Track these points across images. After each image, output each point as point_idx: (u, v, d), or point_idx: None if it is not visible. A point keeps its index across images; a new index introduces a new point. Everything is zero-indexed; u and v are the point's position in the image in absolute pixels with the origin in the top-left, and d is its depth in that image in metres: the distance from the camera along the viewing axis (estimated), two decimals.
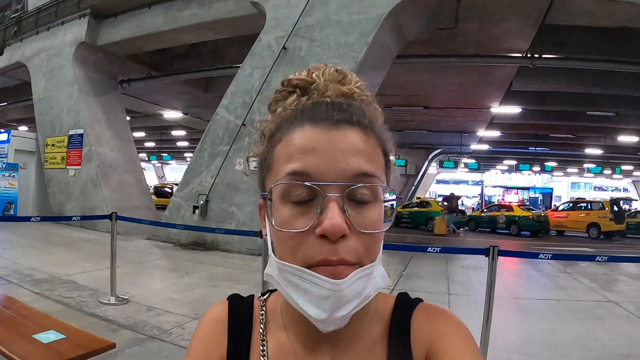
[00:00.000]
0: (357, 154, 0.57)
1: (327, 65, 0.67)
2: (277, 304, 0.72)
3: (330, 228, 0.53)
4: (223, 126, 9.88)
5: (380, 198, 0.59)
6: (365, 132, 0.59)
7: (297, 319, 0.64)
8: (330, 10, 9.03)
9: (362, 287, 0.57)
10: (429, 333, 0.65)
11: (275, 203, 0.58)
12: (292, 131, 0.59)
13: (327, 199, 0.55)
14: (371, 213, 0.57)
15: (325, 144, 0.56)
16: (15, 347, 2.31)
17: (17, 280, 6.00)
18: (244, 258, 8.58)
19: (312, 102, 0.62)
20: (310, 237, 0.55)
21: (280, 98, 0.66)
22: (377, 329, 0.67)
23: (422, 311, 0.68)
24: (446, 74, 13.46)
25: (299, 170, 0.56)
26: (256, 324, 0.71)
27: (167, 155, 36.24)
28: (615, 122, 17.62)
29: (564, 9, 9.44)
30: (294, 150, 0.57)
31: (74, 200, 12.84)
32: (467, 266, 9.13)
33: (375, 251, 0.59)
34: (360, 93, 0.65)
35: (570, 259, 9.52)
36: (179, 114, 21.78)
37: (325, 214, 0.54)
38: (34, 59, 14.65)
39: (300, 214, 0.56)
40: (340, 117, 0.58)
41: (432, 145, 28.62)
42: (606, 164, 27.95)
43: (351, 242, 0.55)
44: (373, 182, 0.57)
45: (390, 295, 0.73)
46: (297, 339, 0.67)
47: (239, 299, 0.75)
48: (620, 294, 7.06)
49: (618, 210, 18.85)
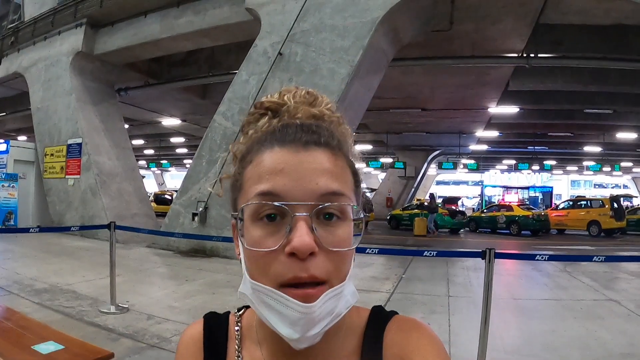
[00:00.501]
0: (325, 174, 0.58)
1: (298, 88, 0.68)
2: (252, 319, 0.73)
3: (299, 246, 0.54)
4: (220, 133, 9.90)
5: (349, 216, 0.60)
6: (334, 153, 0.61)
7: (270, 335, 0.65)
8: (325, 15, 9.05)
9: (334, 306, 0.58)
10: (401, 346, 0.65)
11: (246, 223, 0.59)
12: (262, 152, 0.60)
13: (296, 218, 0.55)
14: (340, 232, 0.58)
15: (293, 164, 0.58)
16: (15, 358, 2.32)
17: (17, 291, 6.01)
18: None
19: (282, 124, 0.63)
20: (280, 256, 0.56)
21: (253, 120, 0.68)
22: (350, 343, 0.68)
23: (396, 324, 0.69)
24: (443, 76, 13.50)
25: (268, 191, 0.57)
26: (231, 340, 0.72)
27: (166, 162, 36.28)
28: (613, 120, 17.66)
29: (558, 8, 9.47)
30: (263, 171, 0.58)
31: (73, 209, 12.85)
32: (468, 268, 9.13)
33: (345, 269, 0.60)
34: (330, 115, 0.67)
35: (567, 259, 9.50)
36: (177, 121, 21.81)
37: (294, 233, 0.55)
38: (31, 69, 14.69)
39: (270, 233, 0.57)
40: (308, 138, 0.60)
41: (430, 146, 28.65)
42: (605, 161, 27.97)
43: (320, 260, 0.56)
44: (341, 202, 0.58)
45: (364, 309, 0.74)
46: (271, 355, 0.67)
47: (215, 317, 0.76)
48: (620, 292, 7.06)
49: (618, 207, 18.87)
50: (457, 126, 21.40)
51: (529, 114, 17.62)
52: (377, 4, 8.60)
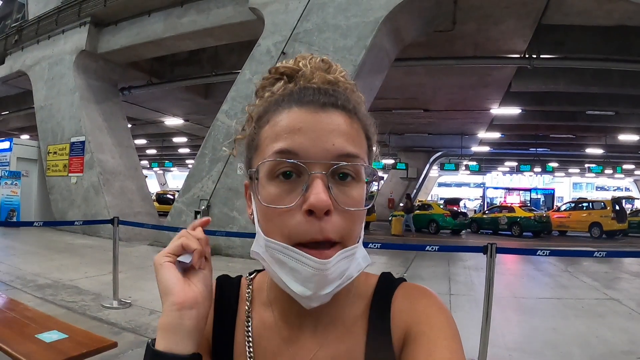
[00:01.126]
0: (342, 135, 0.59)
1: (313, 55, 0.70)
2: (263, 282, 0.74)
3: (316, 203, 0.55)
4: (224, 131, 9.92)
5: (362, 178, 0.61)
6: (350, 116, 0.62)
7: (281, 295, 0.66)
8: (328, 14, 9.07)
9: (346, 267, 0.59)
10: (408, 313, 0.66)
11: (262, 181, 0.60)
12: (280, 112, 0.62)
13: (313, 176, 0.57)
14: (353, 192, 0.60)
15: (311, 124, 0.59)
16: (19, 347, 2.35)
17: (20, 286, 6.04)
18: (246, 262, 8.59)
19: (299, 87, 0.65)
20: (297, 215, 0.57)
21: (267, 84, 0.69)
22: (358, 307, 0.69)
23: (403, 291, 0.70)
24: (445, 76, 13.49)
25: (286, 149, 0.58)
26: (242, 302, 0.74)
27: (168, 162, 36.28)
28: (616, 121, 17.62)
29: (560, 9, 9.47)
30: (281, 130, 0.60)
31: (76, 207, 12.88)
32: (469, 267, 9.13)
33: (357, 230, 0.61)
34: (345, 81, 0.68)
35: (567, 255, 9.50)
36: (180, 120, 21.83)
37: (311, 191, 0.56)
38: (35, 67, 14.74)
39: (287, 191, 0.58)
40: (326, 100, 0.61)
41: (432, 148, 28.60)
42: (607, 163, 27.88)
43: (335, 220, 0.57)
44: (356, 162, 0.60)
45: (373, 275, 0.75)
46: (281, 315, 0.69)
47: (227, 279, 0.78)
48: (621, 292, 7.06)
49: (620, 209, 18.84)
50: (459, 127, 21.39)
51: (531, 115, 17.59)
52: (380, 3, 8.62)
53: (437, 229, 20.03)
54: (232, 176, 9.53)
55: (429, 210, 21.11)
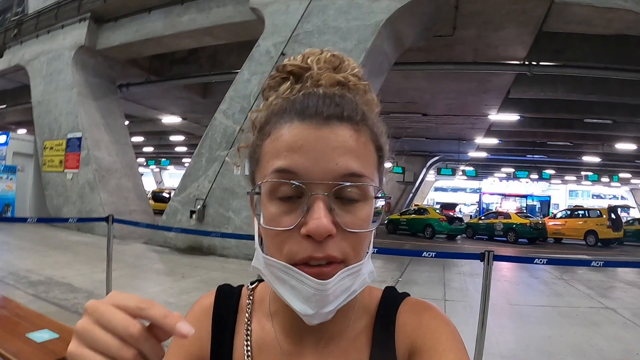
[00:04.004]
0: (347, 153, 0.56)
1: (323, 50, 0.65)
2: (264, 293, 0.72)
3: (315, 229, 0.52)
4: (221, 131, 9.90)
5: (369, 196, 0.57)
6: (357, 128, 0.58)
7: (282, 308, 0.64)
8: (329, 16, 9.07)
9: (350, 284, 0.57)
10: (413, 328, 0.65)
11: (263, 199, 0.57)
12: (281, 126, 0.58)
13: (314, 197, 0.54)
14: (359, 212, 0.56)
15: (313, 142, 0.55)
16: (9, 346, 2.31)
17: (13, 282, 6.00)
18: (241, 263, 8.57)
19: (303, 94, 0.60)
20: (296, 235, 0.54)
21: (274, 84, 0.65)
22: (362, 322, 0.68)
23: (408, 306, 0.68)
24: (444, 81, 13.50)
25: (285, 168, 0.55)
26: (242, 313, 0.71)
27: (165, 160, 36.23)
28: (613, 130, 17.67)
29: (560, 17, 9.48)
30: (281, 147, 0.56)
31: (71, 203, 12.83)
32: (464, 273, 9.12)
33: (363, 249, 0.59)
34: (356, 82, 0.64)
35: (564, 264, 9.52)
36: (178, 119, 21.79)
37: (311, 214, 0.53)
38: (33, 62, 14.69)
39: (287, 212, 0.55)
40: (330, 112, 0.56)
41: (430, 152, 28.68)
42: (604, 171, 28.01)
43: (337, 240, 0.55)
44: (362, 182, 0.56)
45: (377, 289, 0.73)
46: (281, 329, 0.67)
47: (227, 288, 0.76)
48: (616, 301, 7.06)
49: (616, 217, 18.88)
50: (457, 132, 21.42)
51: (529, 122, 17.63)
52: (381, 7, 8.62)
53: (432, 233, 20.02)
54: (229, 176, 9.51)
55: (425, 214, 21.09)
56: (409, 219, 21.35)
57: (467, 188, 60.63)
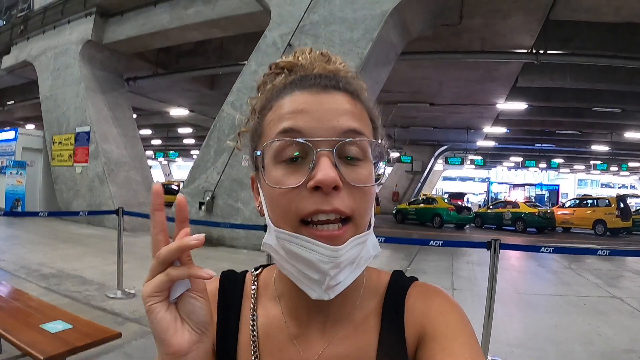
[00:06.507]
0: (346, 113, 0.59)
1: (312, 49, 0.70)
2: (270, 277, 0.73)
3: (323, 179, 0.54)
4: (229, 123, 9.91)
5: (369, 156, 0.61)
6: (352, 98, 0.62)
7: (289, 289, 0.66)
8: (335, 6, 9.03)
9: (357, 254, 0.59)
10: (423, 313, 0.65)
11: (268, 166, 0.59)
12: (282, 98, 0.62)
13: (319, 154, 0.56)
14: (361, 170, 0.59)
15: (314, 104, 0.59)
16: (24, 336, 2.37)
17: (24, 275, 6.09)
18: (250, 253, 8.62)
19: (300, 75, 0.64)
20: (303, 192, 0.56)
21: (269, 80, 0.69)
22: (370, 305, 0.68)
23: (417, 290, 0.69)
24: (451, 70, 13.43)
25: (290, 127, 0.58)
26: (247, 298, 0.73)
27: (173, 152, 36.31)
28: (622, 119, 17.49)
29: (568, 5, 9.39)
30: (285, 112, 0.60)
31: (81, 197, 12.94)
32: (473, 262, 9.13)
33: (369, 208, 0.61)
34: (346, 71, 0.68)
35: (571, 252, 9.49)
36: (185, 111, 21.81)
37: (317, 168, 0.55)
38: (40, 57, 14.76)
39: (293, 172, 0.57)
40: (327, 83, 0.61)
41: (438, 142, 28.55)
42: (613, 160, 27.76)
43: (344, 195, 0.57)
44: (363, 138, 0.59)
45: (385, 272, 0.74)
46: (288, 310, 0.68)
47: (231, 274, 0.77)
48: (624, 290, 7.05)
49: (624, 207, 18.79)
50: (464, 122, 21.29)
51: (537, 110, 17.50)
52: None
53: (441, 222, 20.05)
54: (237, 167, 9.54)
55: (434, 204, 21.10)
56: (417, 209, 21.38)
57: (475, 177, 60.40)
